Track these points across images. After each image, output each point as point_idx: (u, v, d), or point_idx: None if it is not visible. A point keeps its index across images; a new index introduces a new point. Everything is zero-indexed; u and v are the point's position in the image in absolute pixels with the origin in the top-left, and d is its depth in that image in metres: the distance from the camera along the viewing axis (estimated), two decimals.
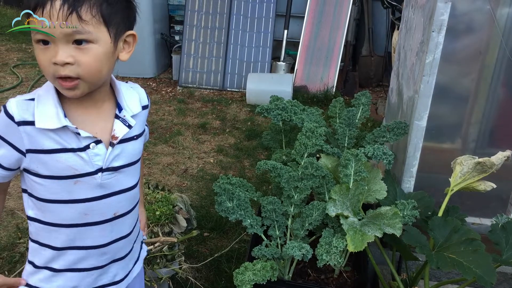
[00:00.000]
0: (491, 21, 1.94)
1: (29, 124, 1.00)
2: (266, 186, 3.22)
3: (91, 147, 1.06)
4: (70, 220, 1.10)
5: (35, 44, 0.98)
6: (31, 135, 1.01)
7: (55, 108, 1.02)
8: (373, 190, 1.86)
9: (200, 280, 2.23)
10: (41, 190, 1.07)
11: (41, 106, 1.02)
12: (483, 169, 1.73)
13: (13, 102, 1.01)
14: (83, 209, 1.10)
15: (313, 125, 1.94)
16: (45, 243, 1.12)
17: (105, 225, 1.14)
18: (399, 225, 1.61)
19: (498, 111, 2.14)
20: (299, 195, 1.77)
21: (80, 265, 1.15)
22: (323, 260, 1.57)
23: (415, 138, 2.03)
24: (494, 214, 1.86)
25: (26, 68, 5.49)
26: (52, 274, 1.14)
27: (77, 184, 1.07)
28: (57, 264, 1.13)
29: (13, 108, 1.00)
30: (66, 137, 1.03)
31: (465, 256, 1.57)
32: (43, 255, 1.13)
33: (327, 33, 5.18)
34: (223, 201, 1.70)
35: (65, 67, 0.96)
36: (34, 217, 1.11)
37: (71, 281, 1.15)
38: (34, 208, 1.10)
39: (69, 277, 1.15)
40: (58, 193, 1.07)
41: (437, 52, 1.89)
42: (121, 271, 1.24)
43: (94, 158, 1.07)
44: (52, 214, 1.09)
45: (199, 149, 3.83)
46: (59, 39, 0.95)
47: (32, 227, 1.13)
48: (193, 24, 5.26)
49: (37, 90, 1.06)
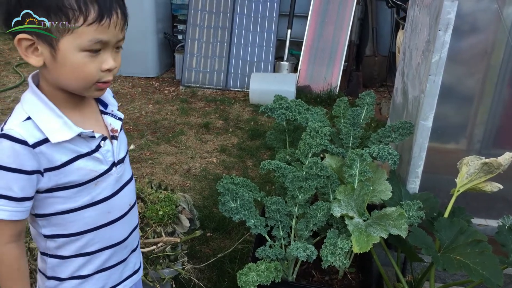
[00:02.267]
0: (498, 20, 1.92)
1: (44, 143, 0.98)
2: (270, 186, 3.20)
3: (102, 145, 1.08)
4: (94, 223, 1.11)
5: (81, 52, 0.95)
6: (47, 153, 0.99)
7: (59, 119, 1.00)
8: (378, 190, 1.84)
9: (203, 280, 2.22)
10: (61, 203, 1.05)
11: (44, 122, 0.99)
12: (490, 170, 1.71)
13: (17, 128, 0.97)
14: (105, 208, 1.11)
15: (317, 125, 1.93)
16: (70, 254, 1.11)
17: (125, 218, 1.17)
18: (405, 226, 1.60)
19: (504, 112, 2.12)
20: (303, 195, 1.76)
21: (107, 264, 1.16)
22: (328, 261, 1.55)
23: (420, 138, 2.01)
24: (500, 215, 1.84)
25: (28, 67, 5.49)
26: (80, 281, 1.14)
27: (97, 185, 1.08)
28: (86, 270, 1.14)
29: (22, 133, 0.96)
30: (78, 143, 1.04)
31: (472, 257, 1.55)
32: (70, 266, 1.12)
33: (331, 32, 5.16)
34: (226, 201, 1.69)
35: (109, 72, 1.01)
36: (52, 234, 1.09)
37: (98, 282, 1.17)
38: (50, 225, 1.08)
39: (97, 278, 1.16)
40: (80, 200, 1.07)
41: (444, 51, 1.87)
42: (137, 259, 1.29)
43: (107, 155, 1.09)
44: (75, 223, 1.08)
45: (202, 149, 3.81)
46: (111, 46, 0.99)
47: (51, 243, 1.10)
48: (196, 24, 5.25)
49: (20, 108, 1.01)
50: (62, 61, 0.96)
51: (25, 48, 0.96)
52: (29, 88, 1.04)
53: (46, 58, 0.96)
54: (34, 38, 0.94)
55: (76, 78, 0.98)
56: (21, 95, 1.07)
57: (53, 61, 0.96)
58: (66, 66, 0.96)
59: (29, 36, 0.94)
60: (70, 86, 1.00)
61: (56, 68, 0.97)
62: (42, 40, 0.94)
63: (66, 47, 0.94)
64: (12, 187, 0.97)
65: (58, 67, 0.97)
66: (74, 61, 0.96)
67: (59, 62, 0.96)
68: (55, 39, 0.93)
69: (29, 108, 1.00)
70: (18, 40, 0.95)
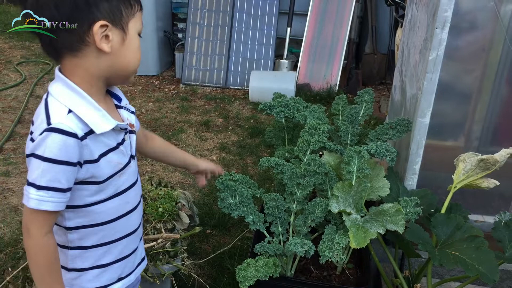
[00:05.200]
0: (495, 18, 1.93)
1: (89, 135, 1.03)
2: (269, 184, 3.22)
3: (126, 139, 1.15)
4: (115, 213, 1.16)
5: (137, 36, 1.09)
6: (90, 145, 1.04)
7: (98, 111, 1.05)
8: (376, 187, 1.86)
9: (203, 276, 2.24)
10: (90, 195, 1.09)
11: (86, 114, 1.03)
12: (486, 166, 1.72)
13: (66, 120, 1.00)
14: (125, 198, 1.17)
15: (316, 122, 1.94)
16: (92, 244, 1.15)
17: (138, 208, 1.24)
18: (402, 222, 1.61)
19: (501, 109, 2.13)
20: (301, 191, 1.77)
21: (124, 253, 1.22)
22: (326, 257, 1.57)
23: (418, 135, 2.03)
24: (497, 211, 1.85)
25: (29, 66, 5.50)
26: (102, 270, 1.18)
27: (121, 176, 1.14)
28: (106, 259, 1.18)
29: (72, 126, 1.00)
30: (109, 136, 1.09)
31: (468, 253, 1.57)
32: (92, 256, 1.16)
33: (330, 30, 5.17)
34: (225, 197, 1.70)
35: None
36: (77, 226, 1.12)
37: (116, 271, 1.22)
38: (76, 217, 1.11)
39: (116, 268, 1.21)
40: (107, 191, 1.12)
41: (441, 49, 1.89)
42: (143, 248, 1.36)
43: (128, 148, 1.16)
44: (100, 214, 1.13)
45: (202, 147, 3.83)
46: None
47: (74, 235, 1.13)
48: (196, 22, 5.26)
49: (56, 102, 1.03)
50: (129, 44, 1.07)
51: (101, 36, 1.02)
52: (61, 81, 1.05)
53: (114, 44, 1.04)
54: (110, 24, 1.02)
55: (138, 59, 1.10)
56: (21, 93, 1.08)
57: (121, 45, 1.05)
58: (131, 48, 1.07)
59: (106, 22, 1.01)
60: (125, 71, 1.09)
61: (121, 52, 1.06)
62: (115, 25, 1.03)
63: (132, 30, 1.07)
64: (60, 179, 1.01)
65: (124, 50, 1.06)
66: (136, 43, 1.09)
67: (126, 45, 1.06)
68: (126, 23, 1.05)
69: (67, 101, 1.03)
70: (100, 27, 1.01)
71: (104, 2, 1.00)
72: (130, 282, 1.27)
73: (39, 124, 1.01)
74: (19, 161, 3.36)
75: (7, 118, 4.03)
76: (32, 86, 4.73)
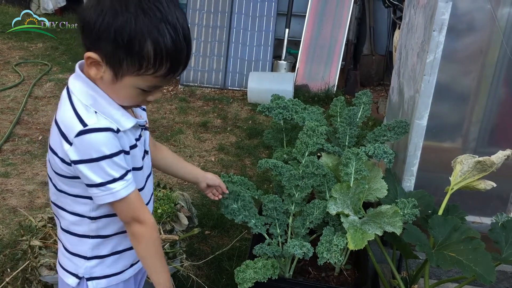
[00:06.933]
0: (492, 21, 1.95)
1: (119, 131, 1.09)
2: (267, 185, 3.23)
3: (142, 135, 1.21)
4: None
5: (136, 89, 1.07)
6: (121, 139, 1.10)
7: (119, 110, 1.10)
8: (374, 188, 1.87)
9: (202, 278, 2.24)
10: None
11: (109, 113, 1.08)
12: (483, 168, 1.73)
13: (100, 120, 1.06)
14: (145, 189, 1.25)
15: (314, 124, 1.95)
16: (112, 233, 1.22)
17: (150, 202, 1.31)
18: (400, 223, 1.62)
19: (499, 111, 2.15)
20: (300, 193, 1.78)
21: None
22: (324, 258, 1.58)
23: (415, 137, 2.04)
24: (494, 213, 1.86)
25: (28, 67, 5.50)
26: (118, 256, 1.25)
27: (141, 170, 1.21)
28: (122, 245, 1.25)
29: (107, 124, 1.06)
30: (132, 130, 1.15)
31: (465, 254, 1.58)
32: (110, 243, 1.23)
33: (329, 32, 5.18)
34: (229, 204, 1.71)
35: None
36: (100, 215, 1.18)
37: (130, 258, 1.28)
38: (101, 207, 1.16)
39: (129, 254, 1.27)
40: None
41: (438, 51, 1.90)
42: None
43: (143, 144, 1.22)
44: None
45: (200, 148, 3.84)
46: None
47: (96, 224, 1.19)
48: (195, 23, 5.27)
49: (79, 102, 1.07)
50: (118, 88, 1.07)
51: (90, 63, 1.04)
52: (81, 81, 1.09)
53: (105, 77, 1.05)
54: (103, 62, 1.03)
55: (123, 101, 1.10)
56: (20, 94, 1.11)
57: (110, 83, 1.06)
58: (119, 92, 1.08)
59: (98, 59, 1.02)
60: (118, 101, 1.10)
61: (109, 87, 1.07)
62: (109, 67, 1.03)
63: (127, 82, 1.05)
64: (120, 164, 1.09)
65: (112, 88, 1.07)
66: (127, 93, 1.08)
67: (117, 87, 1.07)
68: (121, 74, 1.04)
69: (89, 101, 1.07)
70: (88, 57, 1.03)
71: (110, 45, 1.00)
72: (139, 268, 1.33)
73: (71, 126, 1.05)
74: (17, 162, 3.36)
75: (5, 119, 4.02)
76: (30, 87, 4.73)
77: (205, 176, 1.55)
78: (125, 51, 1.00)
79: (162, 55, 1.00)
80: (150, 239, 1.17)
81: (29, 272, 1.84)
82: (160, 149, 1.44)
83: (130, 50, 0.99)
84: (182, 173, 1.52)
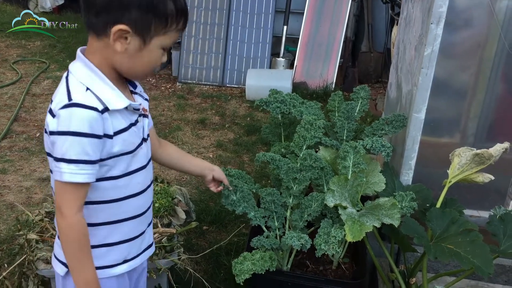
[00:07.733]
0: (490, 15, 1.94)
1: (106, 111, 1.09)
2: (265, 181, 3.22)
3: (139, 120, 1.21)
4: (123, 193, 1.20)
5: (160, 49, 1.14)
6: (108, 120, 1.10)
7: (113, 91, 1.12)
8: (372, 182, 1.87)
9: (199, 272, 2.24)
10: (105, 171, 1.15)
11: (101, 92, 1.10)
12: (481, 161, 1.73)
13: (85, 97, 1.07)
14: (135, 179, 1.22)
15: (312, 118, 1.95)
16: (99, 222, 1.20)
17: (147, 191, 1.28)
18: (397, 215, 1.62)
19: (497, 105, 2.14)
20: (298, 186, 1.78)
21: (130, 235, 1.26)
22: (322, 250, 1.58)
23: (413, 130, 2.04)
24: (492, 207, 1.86)
25: (25, 64, 5.49)
26: (108, 249, 1.23)
27: (134, 157, 1.20)
28: (112, 238, 1.23)
29: (91, 101, 1.07)
30: (124, 116, 1.15)
31: (463, 246, 1.57)
32: (98, 234, 1.20)
33: (327, 29, 5.18)
34: (229, 194, 1.71)
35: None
36: (94, 200, 1.17)
37: (122, 253, 1.26)
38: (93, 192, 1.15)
39: (122, 248, 1.25)
40: (119, 169, 1.17)
41: (436, 44, 1.90)
42: (151, 234, 1.39)
43: (141, 130, 1.22)
44: (107, 191, 1.18)
45: (198, 144, 3.83)
46: None
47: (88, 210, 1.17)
48: (193, 20, 5.26)
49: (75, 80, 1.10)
50: (144, 55, 1.12)
51: (118, 36, 1.07)
52: (81, 61, 1.13)
53: (130, 48, 1.10)
54: (131, 31, 1.07)
55: (147, 67, 1.15)
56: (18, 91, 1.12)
57: (136, 51, 1.11)
58: (144, 58, 1.12)
59: (128, 29, 1.07)
60: (134, 73, 1.16)
61: (134, 57, 1.11)
62: (137, 34, 1.08)
63: (154, 44, 1.11)
64: (88, 151, 1.06)
65: (137, 57, 1.12)
66: (153, 56, 1.13)
67: (142, 54, 1.11)
68: (150, 37, 1.10)
69: (85, 80, 1.10)
70: (118, 30, 1.06)
71: (137, 11, 1.06)
72: (136, 265, 1.31)
73: (59, 100, 1.07)
74: (15, 159, 3.35)
75: (3, 116, 4.02)
76: (28, 84, 4.72)
77: (212, 168, 1.56)
78: (154, 13, 1.08)
79: (178, 10, 1.11)
80: (68, 237, 1.12)
81: (26, 266, 1.84)
82: (165, 146, 1.46)
83: (157, 11, 1.08)
84: (188, 167, 1.52)
